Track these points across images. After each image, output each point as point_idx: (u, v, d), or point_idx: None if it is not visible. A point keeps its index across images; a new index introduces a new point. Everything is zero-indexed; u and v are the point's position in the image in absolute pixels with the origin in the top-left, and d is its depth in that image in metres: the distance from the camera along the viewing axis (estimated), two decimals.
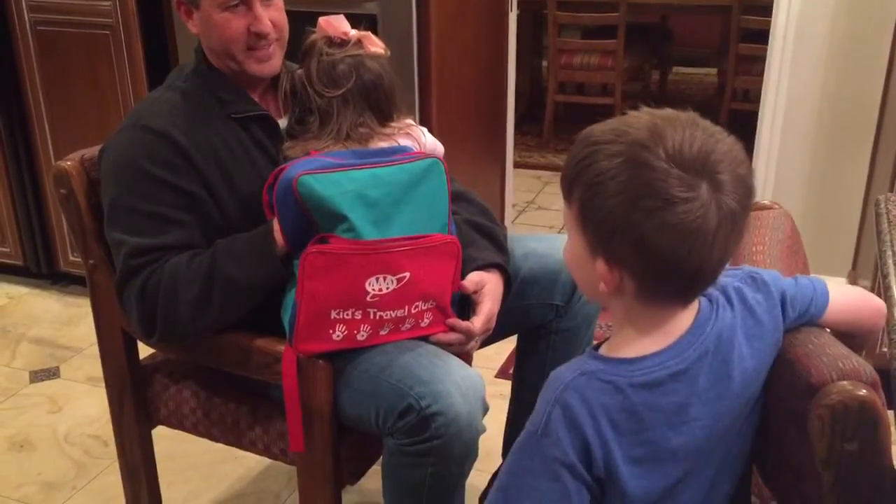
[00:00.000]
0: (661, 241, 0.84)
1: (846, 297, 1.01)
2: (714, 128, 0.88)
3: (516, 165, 3.52)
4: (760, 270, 0.99)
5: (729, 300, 0.96)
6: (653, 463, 0.92)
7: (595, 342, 1.02)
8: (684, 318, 0.93)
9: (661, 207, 0.83)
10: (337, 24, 1.42)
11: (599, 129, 0.89)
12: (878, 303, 1.04)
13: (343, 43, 1.41)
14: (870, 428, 0.84)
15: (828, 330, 0.98)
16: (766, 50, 2.66)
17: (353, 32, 1.43)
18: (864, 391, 0.83)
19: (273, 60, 1.45)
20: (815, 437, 0.85)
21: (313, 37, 1.43)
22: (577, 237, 0.92)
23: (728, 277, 0.97)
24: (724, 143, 0.87)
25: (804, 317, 0.99)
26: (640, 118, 0.88)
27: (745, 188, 0.87)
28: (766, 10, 2.72)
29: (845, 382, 0.84)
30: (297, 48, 1.45)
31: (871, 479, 0.86)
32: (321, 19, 1.43)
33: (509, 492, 0.93)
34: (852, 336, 1.01)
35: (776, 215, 1.20)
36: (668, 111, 0.89)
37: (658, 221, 0.83)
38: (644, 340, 0.92)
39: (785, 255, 1.12)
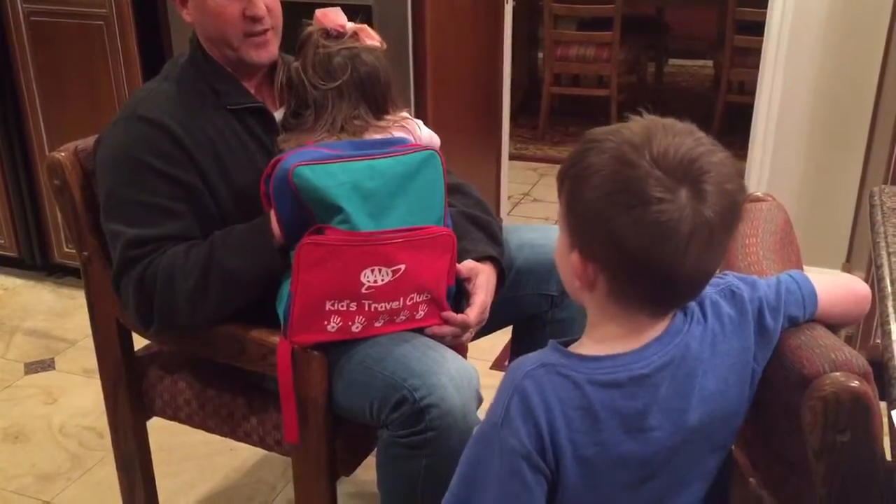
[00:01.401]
0: (632, 238, 0.85)
1: (834, 294, 1.00)
2: (708, 139, 0.88)
3: (512, 157, 3.52)
4: (742, 283, 0.98)
5: (704, 313, 0.95)
6: (600, 466, 0.92)
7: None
8: (656, 327, 0.93)
9: (635, 205, 0.84)
10: (333, 17, 1.42)
11: (599, 130, 0.90)
12: (862, 291, 1.03)
13: (339, 35, 1.41)
14: (862, 419, 0.84)
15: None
16: (761, 42, 2.66)
17: (350, 25, 1.42)
18: (857, 382, 0.84)
19: (270, 47, 1.44)
20: (808, 429, 0.86)
21: (310, 29, 1.42)
22: (562, 231, 0.93)
23: (710, 287, 0.97)
24: (715, 155, 0.86)
25: (794, 322, 0.98)
26: (639, 122, 0.89)
27: (730, 204, 0.86)
28: (762, 1, 2.72)
29: (838, 374, 0.85)
30: (294, 40, 1.44)
31: (864, 471, 0.87)
32: (318, 11, 1.43)
33: (470, 486, 0.93)
34: (838, 325, 1.02)
35: (769, 207, 1.20)
36: (669, 119, 0.89)
37: (631, 218, 0.84)
38: (611, 342, 0.93)
39: (778, 246, 1.12)
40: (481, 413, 1.32)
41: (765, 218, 1.17)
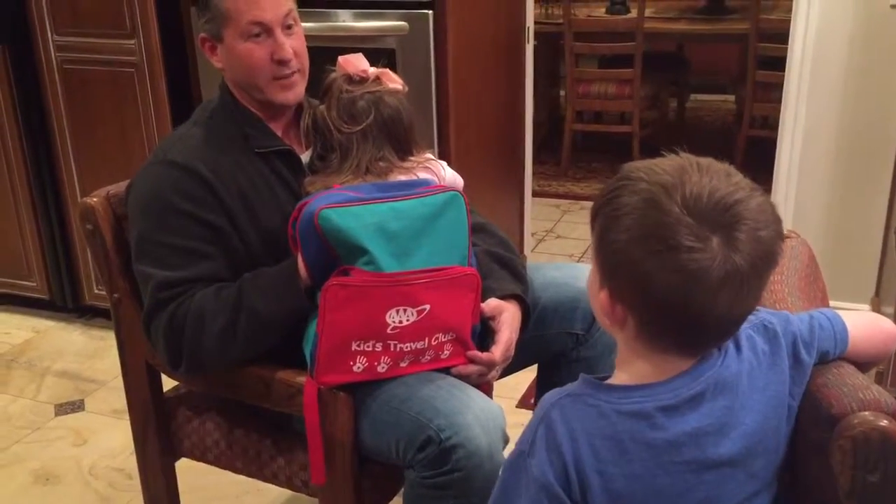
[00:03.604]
0: (659, 284, 0.84)
1: (863, 331, 1.00)
2: (747, 183, 0.87)
3: (535, 194, 3.54)
4: (774, 318, 0.98)
5: (738, 348, 0.95)
6: (634, 501, 0.91)
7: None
8: (686, 363, 0.93)
9: (663, 251, 0.83)
10: (356, 62, 1.45)
11: (635, 165, 0.90)
12: (889, 328, 1.03)
13: (362, 80, 1.44)
14: (892, 458, 0.84)
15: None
16: (783, 77, 2.67)
17: (372, 70, 1.45)
18: (886, 422, 0.83)
19: (297, 88, 1.48)
20: (838, 469, 0.85)
21: (333, 75, 1.46)
22: (593, 266, 0.93)
23: (744, 323, 0.96)
24: (753, 200, 0.85)
25: (824, 358, 0.98)
26: (675, 161, 0.88)
27: (764, 252, 0.85)
28: (783, 37, 2.73)
29: (866, 413, 0.85)
30: (318, 86, 1.48)
31: None
32: (340, 58, 1.46)
33: None
34: (864, 364, 1.01)
35: (793, 245, 1.20)
36: (706, 159, 0.88)
37: (658, 263, 0.83)
38: (641, 377, 0.93)
39: (803, 284, 1.12)
40: (507, 453, 1.32)
41: (790, 256, 1.17)
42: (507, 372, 1.49)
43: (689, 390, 0.91)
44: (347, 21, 2.36)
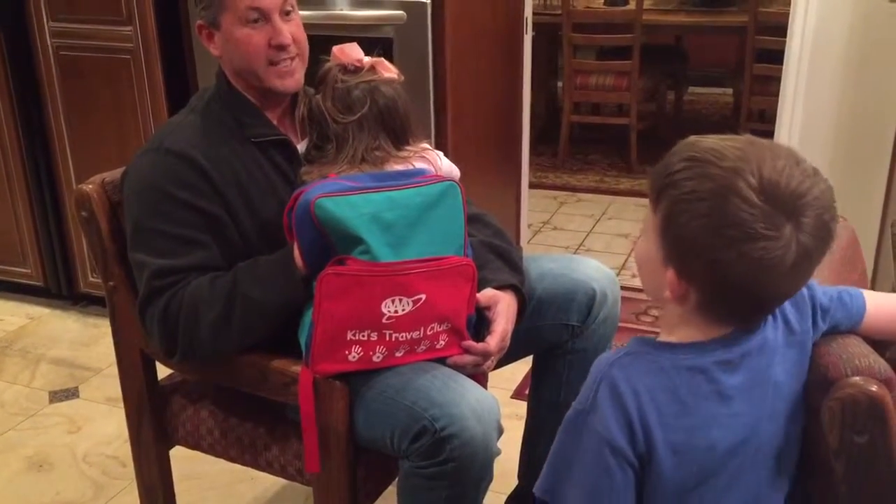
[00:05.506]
0: (736, 271, 0.87)
1: (885, 309, 1.04)
2: (811, 168, 0.89)
3: (532, 186, 3.53)
4: None
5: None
6: (691, 453, 0.93)
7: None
8: (731, 327, 0.96)
9: (741, 240, 0.85)
10: (350, 52, 1.44)
11: (701, 145, 0.91)
12: None
13: (357, 70, 1.43)
14: (879, 423, 0.87)
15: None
16: (781, 70, 2.67)
17: (367, 59, 1.45)
18: (875, 387, 0.87)
19: (296, 75, 1.47)
20: (827, 428, 0.89)
21: (327, 65, 1.45)
22: (653, 242, 0.94)
23: None
24: (818, 187, 0.88)
25: (836, 329, 1.01)
26: (743, 143, 0.90)
27: (826, 232, 0.89)
28: (782, 30, 2.73)
29: (857, 378, 0.88)
30: (313, 77, 1.47)
31: (882, 475, 0.89)
32: (335, 48, 1.45)
33: (558, 472, 0.96)
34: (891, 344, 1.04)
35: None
36: (770, 142, 0.91)
37: (736, 252, 0.86)
38: (686, 337, 0.96)
39: (837, 265, 1.16)
40: (501, 444, 1.33)
41: None
42: (502, 363, 1.49)
43: (742, 348, 0.94)
44: (344, 9, 2.35)
